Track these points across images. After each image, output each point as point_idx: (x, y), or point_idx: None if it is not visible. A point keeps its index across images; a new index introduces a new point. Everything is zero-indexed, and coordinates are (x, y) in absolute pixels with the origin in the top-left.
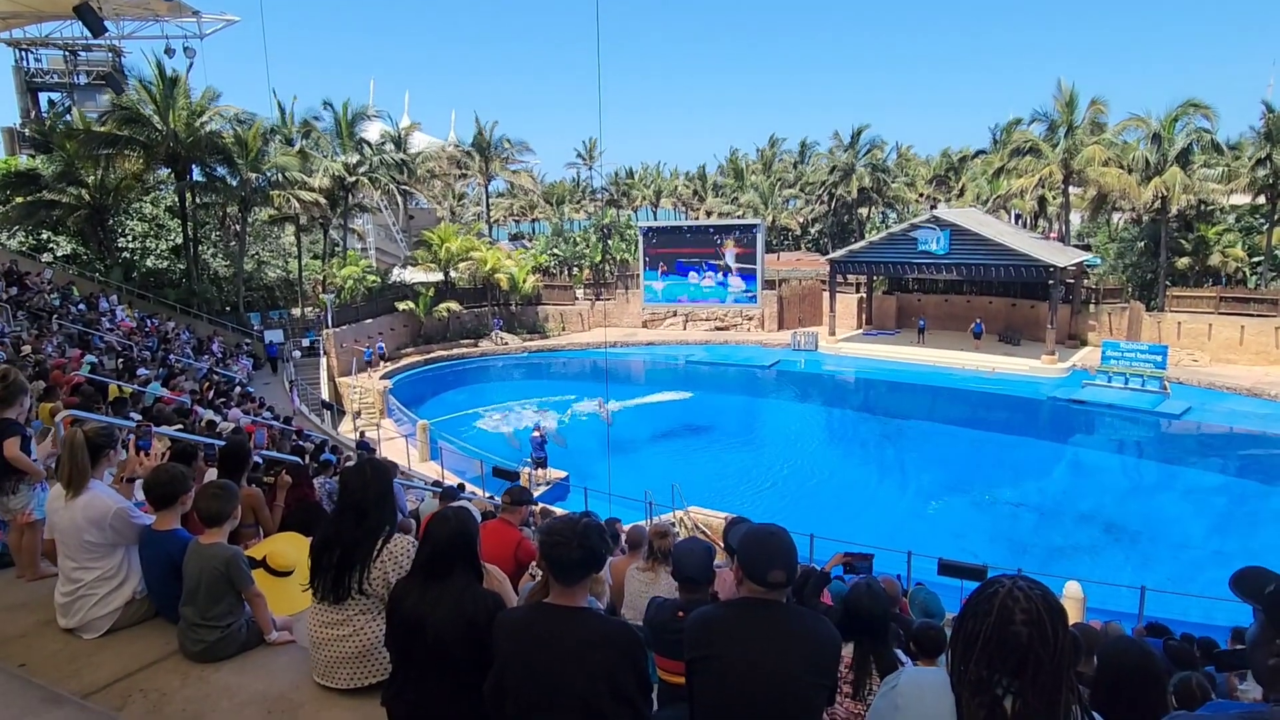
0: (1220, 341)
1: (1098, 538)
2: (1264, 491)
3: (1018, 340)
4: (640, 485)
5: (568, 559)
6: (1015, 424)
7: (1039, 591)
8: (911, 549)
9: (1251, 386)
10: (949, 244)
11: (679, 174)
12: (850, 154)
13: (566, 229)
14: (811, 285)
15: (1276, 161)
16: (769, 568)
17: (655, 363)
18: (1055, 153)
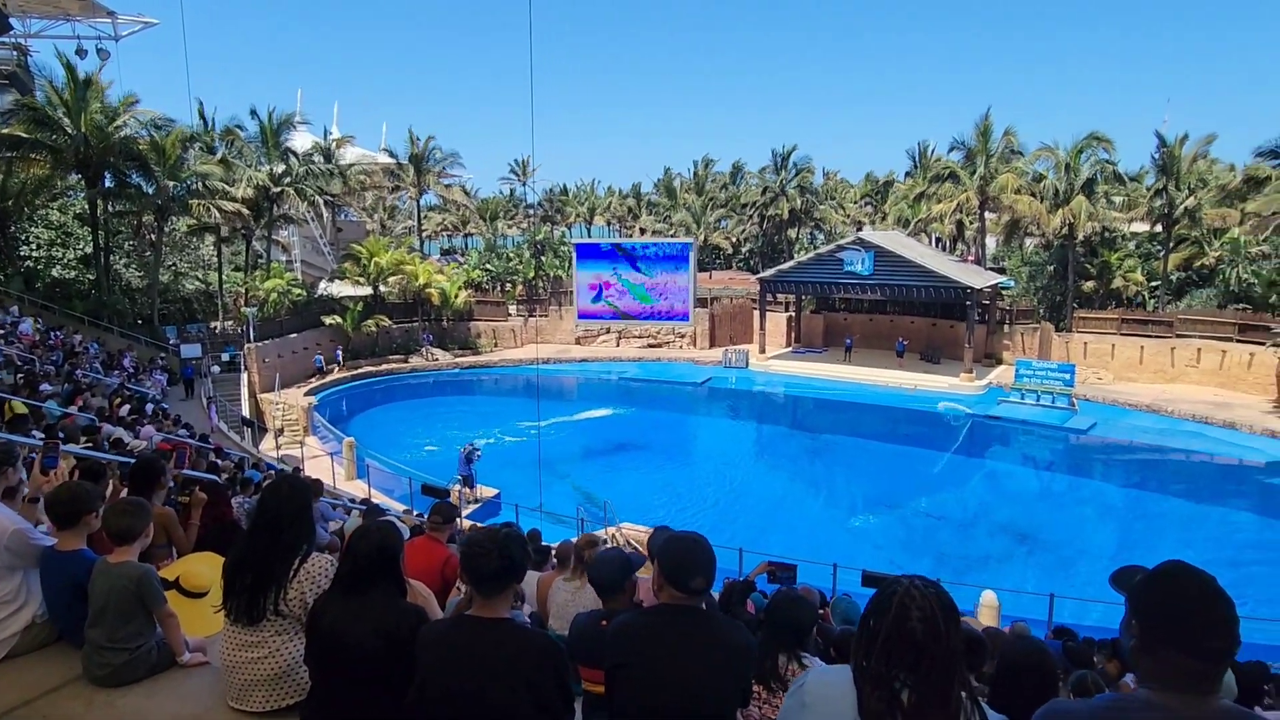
0: (1122, 360)
1: (1011, 547)
2: (1162, 501)
3: (938, 358)
4: (572, 502)
5: (488, 569)
6: (934, 439)
7: (933, 591)
8: (837, 561)
9: (1151, 403)
10: (873, 265)
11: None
12: (781, 176)
13: (500, 245)
14: (743, 304)
15: (1171, 193)
16: (690, 574)
17: (588, 379)
18: (972, 180)
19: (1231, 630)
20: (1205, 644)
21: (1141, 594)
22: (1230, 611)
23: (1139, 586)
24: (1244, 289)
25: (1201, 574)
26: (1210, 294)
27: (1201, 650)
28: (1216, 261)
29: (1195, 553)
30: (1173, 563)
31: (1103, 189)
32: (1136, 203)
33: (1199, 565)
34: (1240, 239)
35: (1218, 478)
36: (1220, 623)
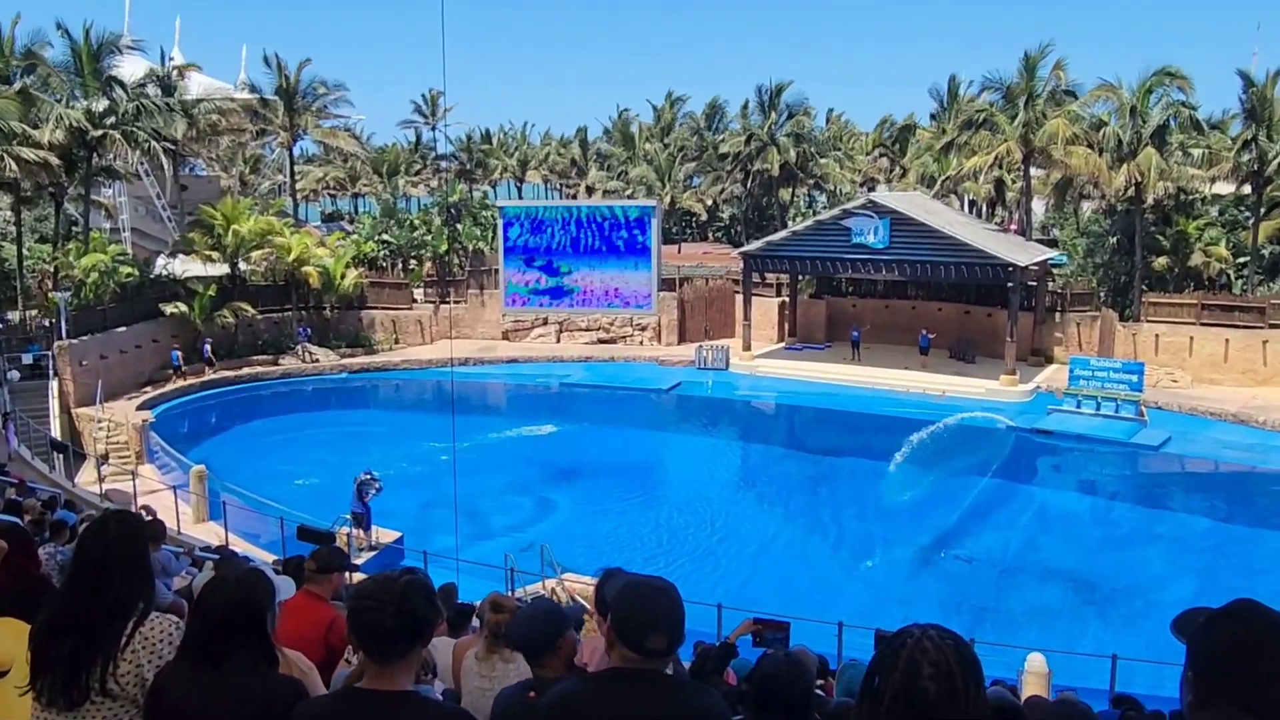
0: (1203, 357)
1: (1065, 598)
2: (1253, 537)
3: (972, 356)
4: (500, 548)
5: (381, 628)
6: (969, 460)
7: (950, 642)
8: (843, 619)
9: (1237, 412)
10: (889, 235)
11: (552, 139)
12: (769, 119)
13: (401, 208)
14: (721, 286)
15: (1262, 145)
16: (648, 631)
17: (520, 386)
18: (1014, 127)
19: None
20: (1270, 695)
21: (1199, 639)
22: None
23: (1198, 631)
24: None
25: (1270, 614)
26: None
27: (1266, 704)
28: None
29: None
30: (1240, 601)
31: (1177, 139)
32: (1219, 157)
33: None
34: None
35: None
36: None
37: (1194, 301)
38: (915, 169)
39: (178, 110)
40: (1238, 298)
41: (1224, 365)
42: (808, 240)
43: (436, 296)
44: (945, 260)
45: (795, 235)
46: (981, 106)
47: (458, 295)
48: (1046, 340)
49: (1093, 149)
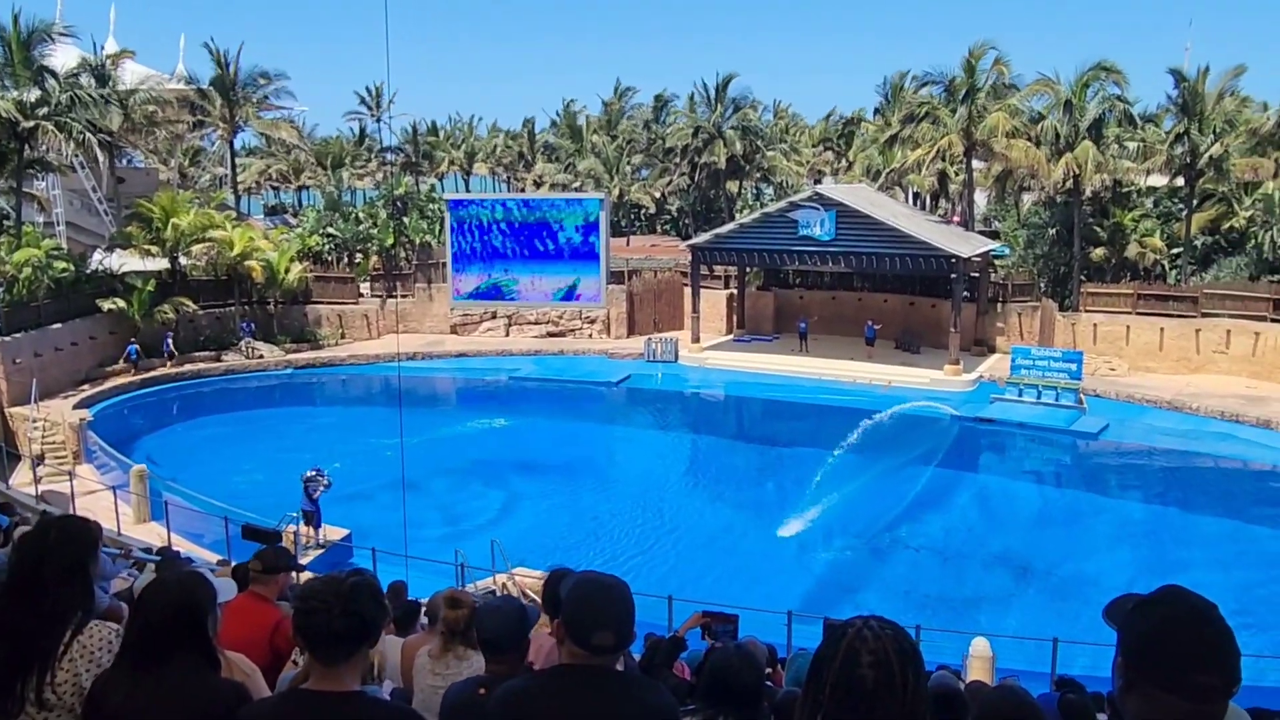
0: (1139, 346)
1: (1009, 583)
2: (1189, 519)
3: (917, 347)
4: (449, 544)
5: (328, 629)
6: (915, 450)
7: (890, 633)
8: (792, 609)
9: (1172, 399)
10: (835, 228)
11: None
12: (716, 112)
13: (346, 201)
14: (670, 278)
15: (1194, 138)
16: (594, 628)
17: (469, 380)
18: (955, 120)
19: (1225, 663)
20: (1193, 679)
21: (1128, 626)
22: (1225, 641)
23: (1126, 618)
24: (1279, 256)
25: (1196, 600)
26: (1241, 262)
27: (1189, 687)
28: (1247, 223)
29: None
30: (1166, 589)
31: (1113, 133)
32: (1154, 150)
33: (1238, 596)
34: (1275, 194)
35: (1252, 488)
36: (1211, 654)
37: (1130, 291)
38: (861, 161)
39: (114, 101)
40: (1172, 288)
41: (1159, 353)
42: (755, 233)
43: (383, 290)
44: (890, 252)
45: (743, 228)
46: (924, 100)
47: (405, 289)
48: (989, 330)
49: (1032, 142)
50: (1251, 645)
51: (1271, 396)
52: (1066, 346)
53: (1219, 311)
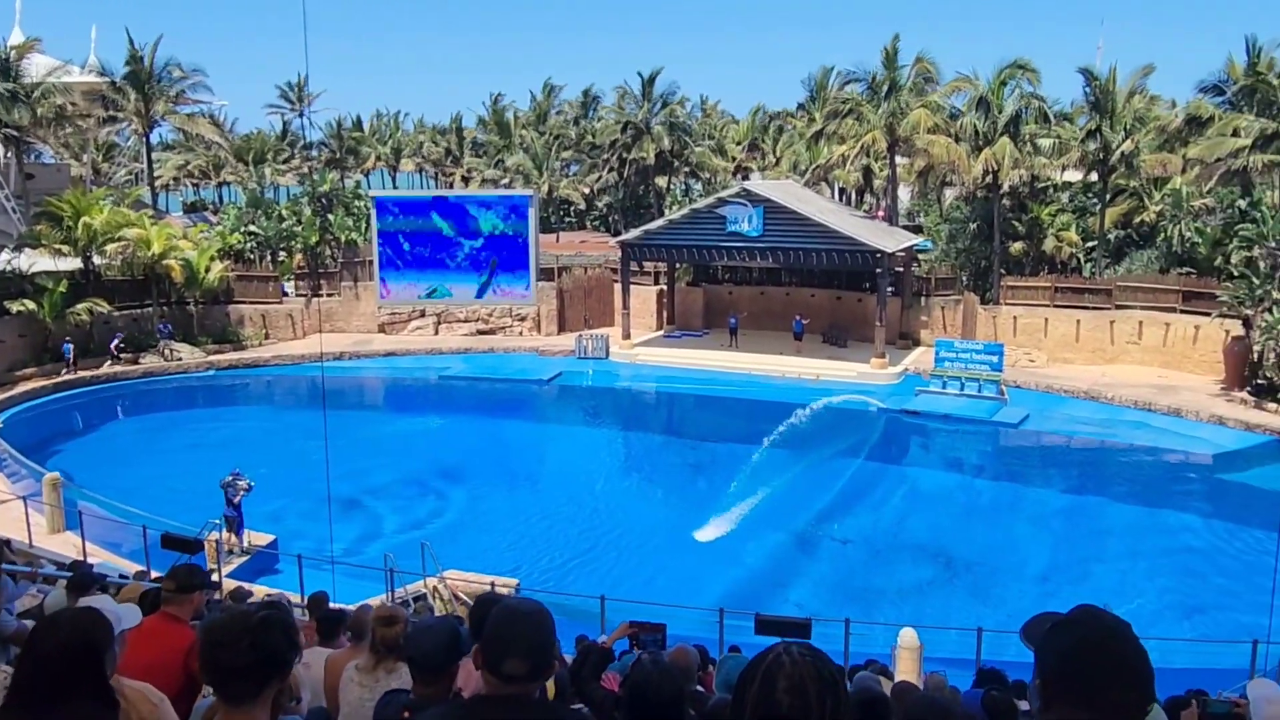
0: (1056, 338)
1: (935, 573)
2: (1105, 506)
3: (844, 341)
4: (378, 547)
5: (233, 666)
6: (843, 442)
7: (810, 658)
8: (725, 606)
9: (1089, 389)
10: (763, 224)
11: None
12: (644, 108)
13: (269, 198)
14: (600, 275)
15: (1106, 135)
16: (506, 656)
17: (398, 379)
18: (879, 116)
19: (1140, 681)
20: (1109, 698)
21: (1044, 647)
22: (1137, 662)
23: (1043, 639)
24: (1187, 250)
25: (1110, 620)
26: (1151, 256)
27: (1106, 706)
28: (1157, 217)
29: (1146, 564)
30: (1079, 609)
31: (1029, 129)
32: (1068, 147)
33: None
34: (1182, 190)
35: (1164, 475)
36: (1126, 673)
37: (1048, 284)
38: (787, 157)
39: (20, 95)
40: (1087, 281)
41: (1076, 345)
42: (684, 229)
43: (308, 289)
44: (817, 247)
45: (672, 224)
46: (848, 96)
47: (330, 288)
48: (914, 324)
49: (952, 138)
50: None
51: (1181, 385)
52: (988, 339)
53: (1132, 304)
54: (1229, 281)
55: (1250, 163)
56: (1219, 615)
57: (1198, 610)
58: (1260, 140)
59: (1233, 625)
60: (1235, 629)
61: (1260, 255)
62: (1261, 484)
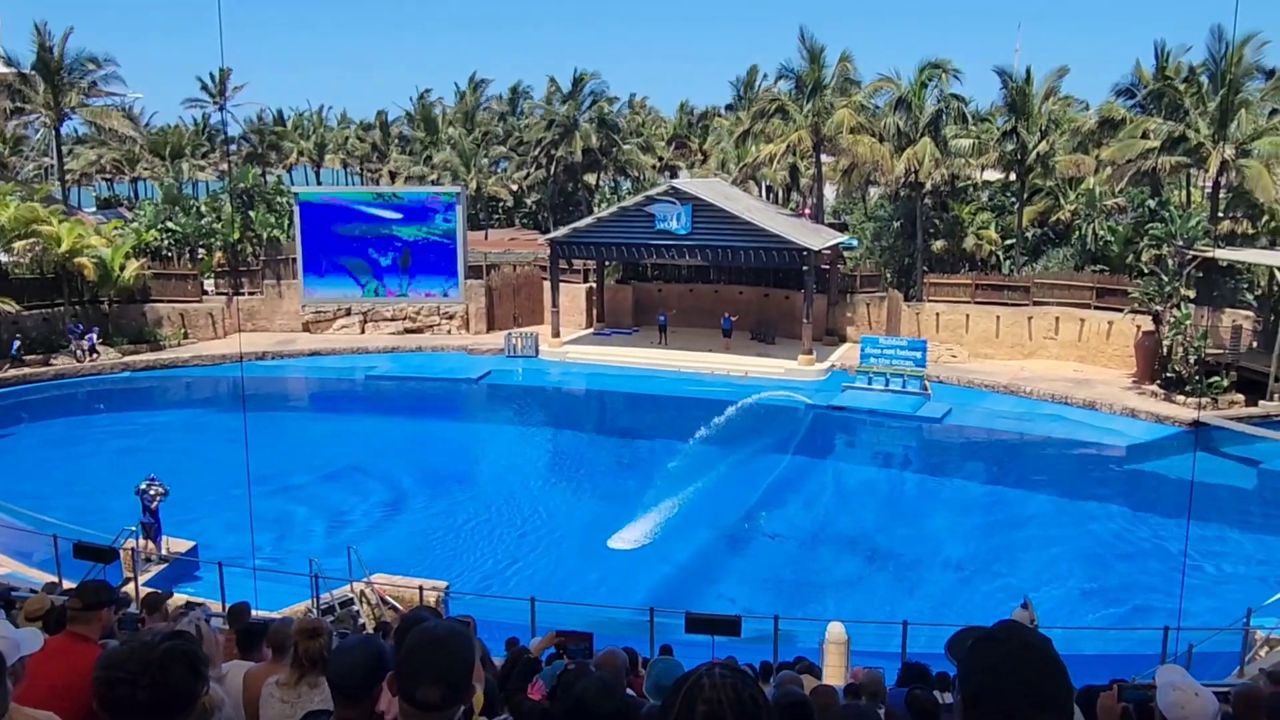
0: (977, 334)
1: (861, 567)
2: (1024, 497)
3: (772, 337)
4: (303, 552)
5: (132, 702)
6: (771, 438)
7: (731, 681)
8: (656, 603)
9: (1008, 383)
10: (691, 222)
11: (350, 122)
12: (572, 106)
13: (187, 194)
14: (529, 273)
15: (1023, 136)
16: (419, 682)
17: (324, 379)
18: (804, 116)
19: (1057, 700)
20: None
21: (964, 664)
22: (1054, 681)
23: (964, 656)
24: (1101, 248)
25: (1030, 637)
26: (1067, 253)
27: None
28: (1072, 216)
29: (1065, 551)
30: (999, 626)
31: (950, 129)
32: (987, 147)
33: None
34: (1095, 190)
35: (1079, 467)
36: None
37: (969, 282)
38: (715, 155)
39: None
40: (1006, 277)
41: (996, 340)
42: (613, 226)
43: (229, 288)
44: (744, 245)
45: (601, 222)
46: (775, 96)
47: (253, 286)
48: (840, 321)
49: (876, 138)
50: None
51: (1095, 379)
52: (912, 335)
53: (1048, 300)
54: (1140, 279)
55: (1159, 164)
56: (1133, 602)
57: (1112, 598)
58: (1168, 143)
59: (1145, 612)
60: (1148, 616)
61: (1169, 253)
62: (1171, 474)
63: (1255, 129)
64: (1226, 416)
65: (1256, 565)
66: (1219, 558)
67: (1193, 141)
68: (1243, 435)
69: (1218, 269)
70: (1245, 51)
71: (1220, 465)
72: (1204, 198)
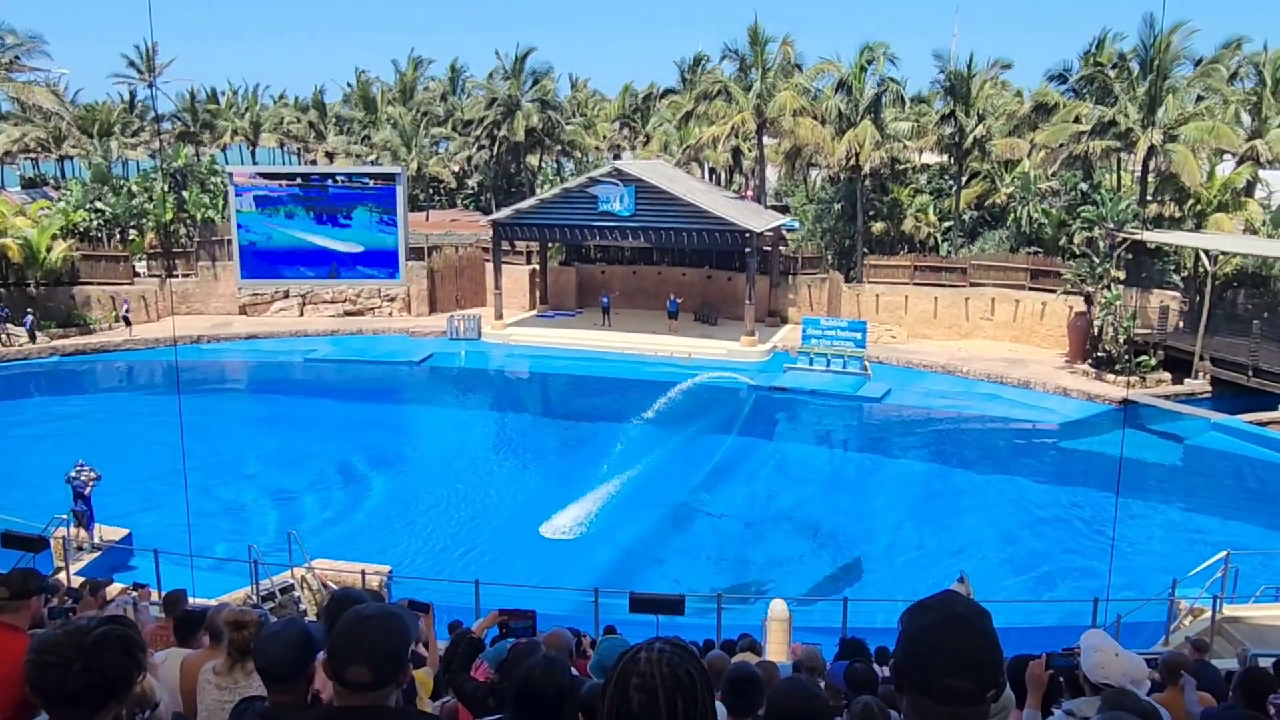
0: (916, 314)
1: (804, 545)
2: (961, 475)
3: (716, 319)
4: (242, 538)
5: (63, 687)
6: (715, 419)
7: (669, 656)
8: (602, 584)
9: (946, 363)
10: (634, 203)
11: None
12: (514, 85)
13: (117, 174)
14: (471, 254)
15: (961, 119)
16: (347, 662)
17: (262, 363)
18: (748, 98)
19: (978, 668)
20: (944, 683)
21: (898, 632)
22: (981, 647)
23: (899, 624)
24: (1035, 230)
25: (961, 606)
26: (1002, 235)
27: (940, 690)
28: (1008, 199)
29: (996, 528)
30: (939, 595)
31: (890, 113)
32: (926, 130)
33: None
34: (1030, 173)
35: (1014, 445)
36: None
37: (908, 263)
38: (659, 137)
39: None
40: (944, 259)
41: (934, 321)
42: (556, 208)
43: (162, 270)
44: (687, 227)
45: (544, 203)
46: (718, 78)
47: (187, 268)
48: (782, 302)
49: (817, 120)
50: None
51: (1030, 359)
52: (852, 316)
53: (985, 281)
54: (1072, 260)
55: (1090, 148)
56: (1064, 575)
57: (1044, 571)
58: (1098, 127)
59: (1077, 584)
60: (1079, 588)
61: (1100, 236)
62: (1102, 450)
63: (1182, 114)
64: (1154, 394)
65: (1181, 538)
66: (1147, 531)
67: (1122, 126)
68: (1169, 412)
69: (1146, 251)
70: (1174, 39)
71: (1148, 441)
72: (1133, 181)
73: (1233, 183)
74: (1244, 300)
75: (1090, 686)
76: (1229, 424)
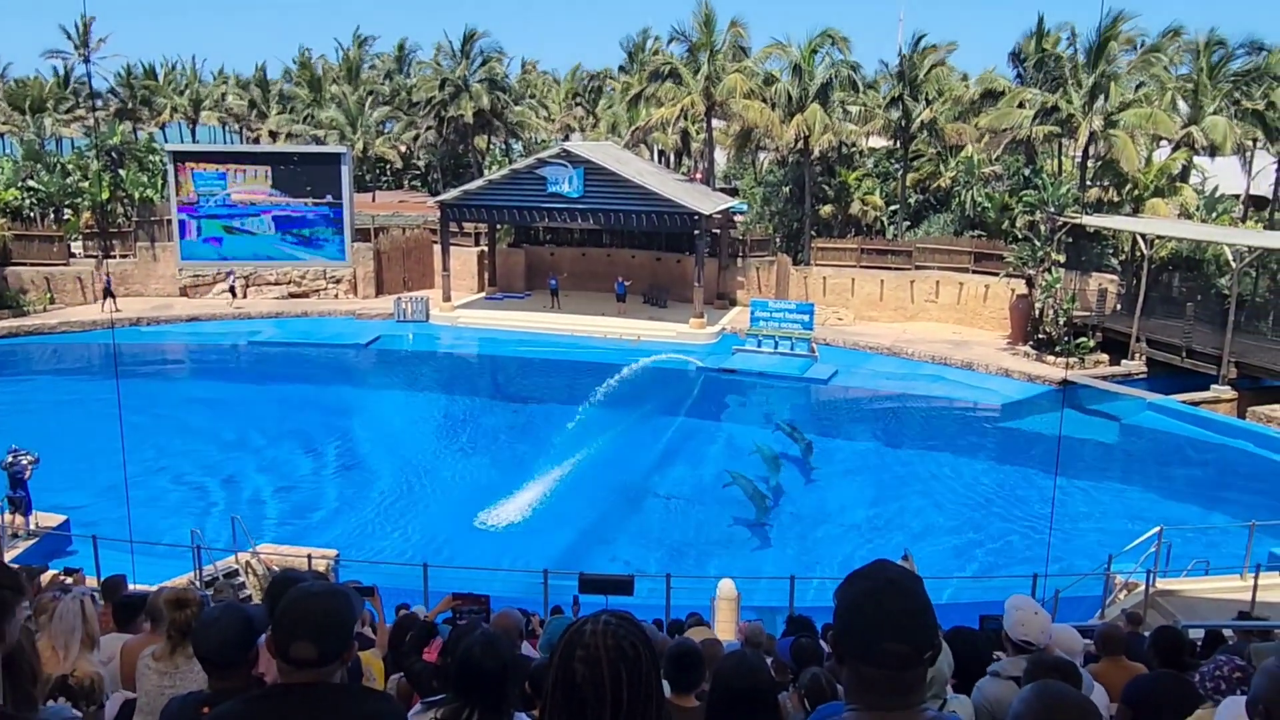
0: (863, 297)
1: (753, 525)
2: (906, 456)
3: (664, 301)
4: (184, 522)
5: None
6: (663, 400)
7: (615, 628)
8: (552, 566)
9: (891, 345)
10: (583, 185)
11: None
12: (463, 65)
13: (50, 151)
14: (419, 236)
15: (908, 104)
16: (291, 639)
17: (202, 346)
18: (696, 80)
19: (913, 632)
20: (878, 647)
21: (835, 600)
22: (915, 612)
23: (836, 593)
24: (978, 213)
25: (894, 573)
26: (947, 219)
27: (879, 655)
28: (952, 183)
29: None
30: (873, 563)
31: (839, 97)
32: (873, 114)
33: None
34: (974, 158)
35: (957, 425)
36: (897, 624)
37: (855, 246)
38: (607, 119)
39: None
40: (890, 242)
41: (880, 303)
42: (504, 189)
43: (99, 250)
44: (636, 209)
45: (492, 184)
46: (667, 59)
47: (125, 249)
48: (730, 284)
49: (767, 104)
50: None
51: (973, 340)
52: (800, 299)
53: (930, 264)
54: (1014, 244)
55: (1032, 133)
56: (1004, 551)
57: (985, 547)
58: (1041, 113)
59: (1016, 560)
60: (1018, 563)
61: (1041, 219)
62: (1042, 430)
63: (1122, 101)
64: (1092, 375)
65: (1117, 514)
66: (1084, 508)
67: (1064, 112)
68: (1106, 393)
69: (1085, 235)
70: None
71: (1086, 421)
72: (1074, 166)
73: (1169, 168)
74: (1179, 284)
75: (1013, 646)
76: (1163, 404)
